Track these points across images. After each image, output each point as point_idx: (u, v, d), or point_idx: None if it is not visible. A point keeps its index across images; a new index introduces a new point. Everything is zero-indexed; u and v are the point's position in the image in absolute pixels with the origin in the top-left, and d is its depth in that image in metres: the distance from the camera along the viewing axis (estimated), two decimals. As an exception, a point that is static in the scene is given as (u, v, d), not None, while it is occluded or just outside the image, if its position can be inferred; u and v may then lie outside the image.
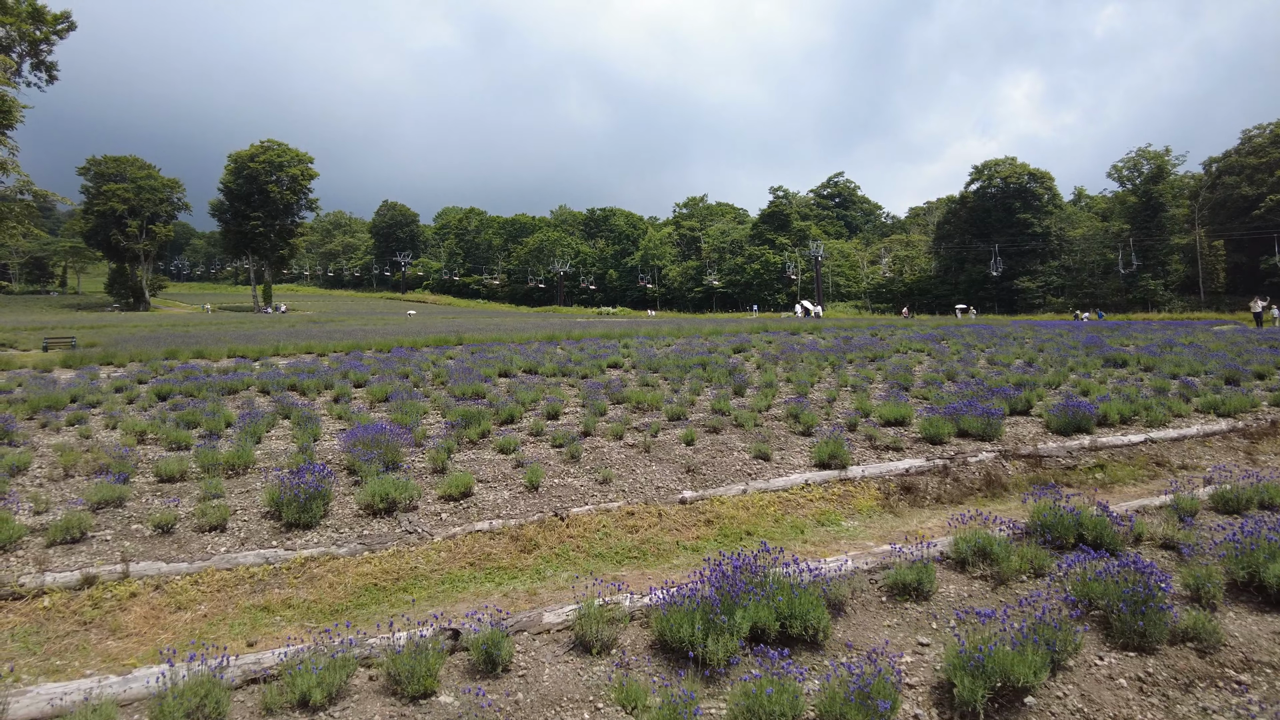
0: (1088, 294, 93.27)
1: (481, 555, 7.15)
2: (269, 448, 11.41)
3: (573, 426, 12.68)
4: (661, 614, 5.22)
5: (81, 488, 9.04)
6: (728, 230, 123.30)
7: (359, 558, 7.01)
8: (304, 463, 9.85)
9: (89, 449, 11.36)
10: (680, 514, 8.22)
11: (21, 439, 12.42)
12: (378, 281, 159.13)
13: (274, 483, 8.55)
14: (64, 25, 43.16)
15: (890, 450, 10.67)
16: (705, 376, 18.54)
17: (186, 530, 7.44)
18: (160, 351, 27.93)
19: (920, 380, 17.69)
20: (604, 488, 8.96)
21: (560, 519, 7.79)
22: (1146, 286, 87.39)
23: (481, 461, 10.30)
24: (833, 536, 7.88)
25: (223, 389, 18.11)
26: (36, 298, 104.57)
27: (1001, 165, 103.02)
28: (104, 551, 6.95)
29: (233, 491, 8.77)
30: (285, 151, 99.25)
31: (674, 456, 10.39)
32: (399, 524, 7.68)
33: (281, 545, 7.12)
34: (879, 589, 6.28)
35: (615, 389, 16.34)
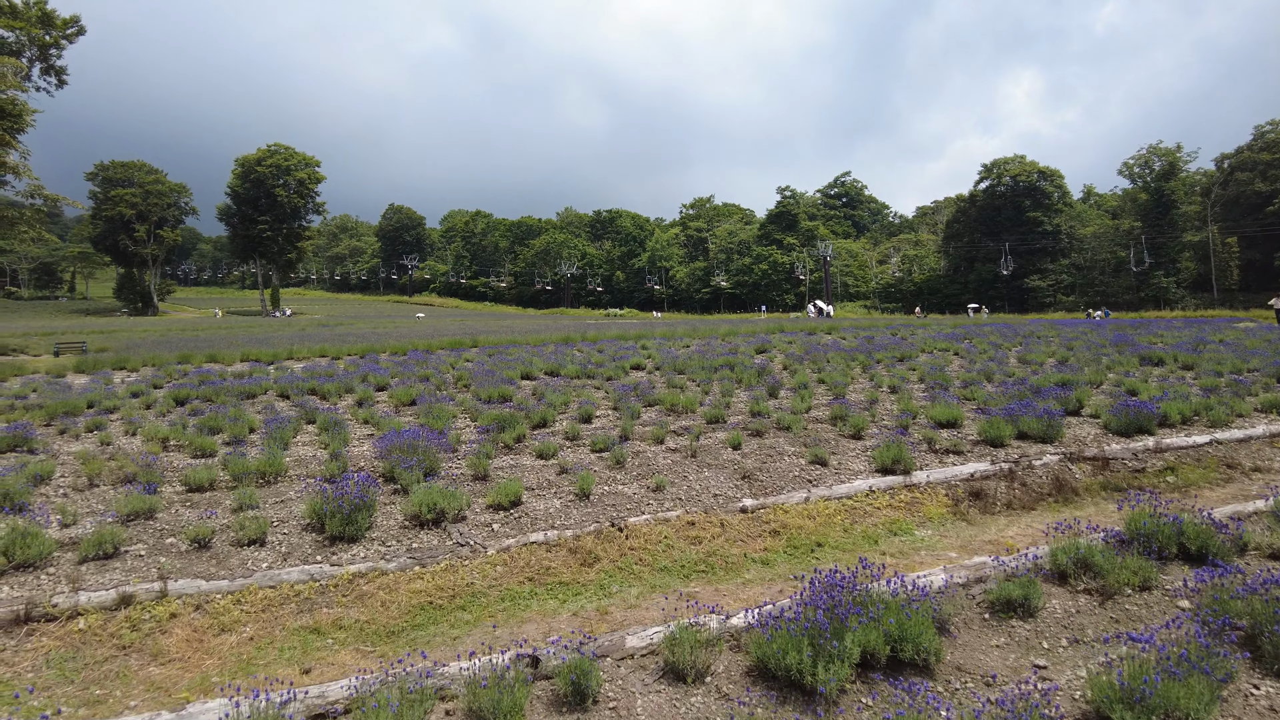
0: (1099, 292, 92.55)
1: (540, 569, 6.69)
2: (297, 454, 10.98)
3: (609, 430, 12.22)
4: (761, 637, 4.75)
5: (109, 498, 8.61)
6: (735, 231, 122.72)
7: (409, 573, 6.55)
8: (337, 470, 9.42)
9: (112, 457, 10.94)
10: (743, 524, 7.75)
11: (41, 446, 12.02)
12: (384, 285, 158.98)
13: (313, 493, 8.11)
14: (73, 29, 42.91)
15: (950, 454, 10.18)
16: (735, 378, 18.05)
17: (224, 545, 6.99)
18: (173, 356, 27.59)
19: (958, 381, 17.19)
20: (657, 496, 8.49)
21: (619, 530, 7.32)
22: (1158, 284, 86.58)
23: (522, 468, 9.84)
24: (909, 547, 7.40)
25: (241, 393, 17.69)
26: (46, 303, 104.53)
27: (1010, 163, 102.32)
28: (139, 568, 6.50)
29: (267, 502, 8.32)
30: (292, 155, 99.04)
31: (722, 462, 9.91)
32: (448, 536, 7.22)
33: (326, 560, 6.67)
34: (978, 605, 5.80)
35: (645, 391, 15.87)
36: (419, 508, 7.39)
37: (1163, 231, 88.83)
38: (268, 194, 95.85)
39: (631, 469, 9.62)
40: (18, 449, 11.93)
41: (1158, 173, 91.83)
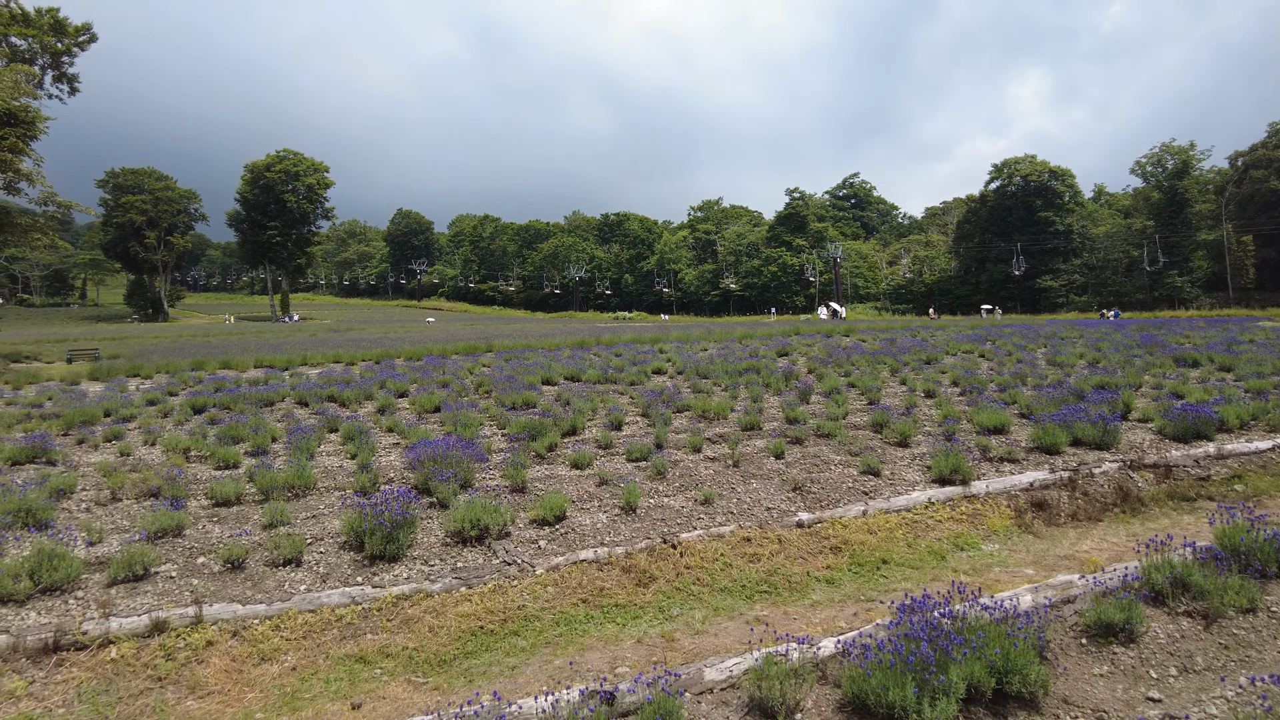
0: (1111, 292, 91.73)
1: (593, 590, 6.30)
2: (323, 465, 10.63)
3: (642, 438, 11.84)
4: (857, 670, 4.35)
5: (133, 513, 8.27)
6: (744, 233, 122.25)
7: (456, 595, 6.18)
8: (368, 483, 9.06)
9: (134, 468, 10.62)
10: (802, 540, 7.35)
11: (60, 457, 11.71)
12: (393, 289, 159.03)
13: (348, 508, 7.74)
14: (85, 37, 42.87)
15: (1005, 462, 9.76)
16: (761, 382, 17.65)
17: (258, 565, 6.62)
18: (187, 362, 27.34)
19: (993, 384, 16.74)
20: (707, 509, 8.09)
21: (672, 547, 6.93)
22: (1173, 283, 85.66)
23: (558, 478, 9.46)
24: (980, 563, 6.98)
25: (259, 401, 17.38)
26: (57, 310, 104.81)
27: (1021, 163, 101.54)
28: (171, 591, 6.14)
29: (298, 517, 7.96)
30: (301, 161, 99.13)
31: (766, 471, 9.51)
32: (494, 554, 6.84)
33: (368, 582, 6.30)
34: (1071, 629, 5.39)
35: (673, 397, 15.49)
36: (462, 524, 7.01)
37: (1176, 230, 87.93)
38: (277, 200, 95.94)
39: (673, 480, 9.22)
40: (37, 460, 11.62)
41: (1170, 171, 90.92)
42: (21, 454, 11.50)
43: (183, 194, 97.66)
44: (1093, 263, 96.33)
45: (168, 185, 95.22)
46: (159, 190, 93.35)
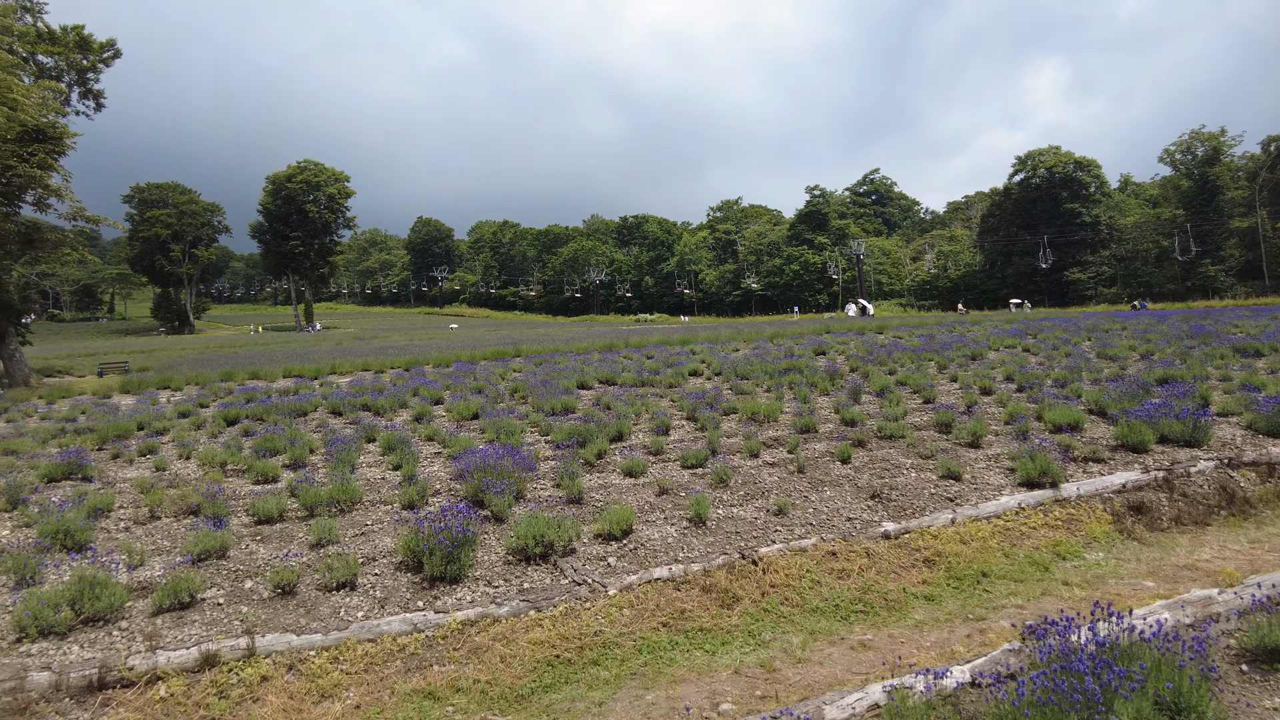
0: (1142, 283, 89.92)
1: (673, 612, 5.78)
2: (365, 476, 10.20)
3: (692, 443, 11.31)
4: (1007, 709, 3.78)
5: (174, 533, 7.87)
6: (764, 232, 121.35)
7: (525, 619, 5.68)
8: (415, 496, 8.60)
9: (171, 484, 10.25)
10: (891, 552, 6.78)
11: (95, 473, 11.39)
12: (415, 297, 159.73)
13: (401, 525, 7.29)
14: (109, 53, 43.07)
15: (1089, 461, 9.11)
16: (807, 381, 17.04)
17: (310, 589, 6.16)
18: (216, 374, 27.19)
19: (1049, 380, 16.01)
20: (782, 520, 7.54)
21: (753, 563, 6.39)
22: (1205, 273, 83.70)
23: (613, 487, 8.96)
24: (1091, 575, 6.37)
25: (292, 411, 17.05)
26: (87, 324, 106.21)
27: (1045, 155, 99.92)
28: (220, 620, 5.69)
29: (346, 535, 7.51)
30: (322, 171, 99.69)
31: (835, 477, 8.94)
32: (561, 573, 6.34)
33: (430, 606, 5.81)
34: (1224, 652, 4.78)
35: (716, 399, 14.94)
36: (525, 540, 6.51)
37: (1208, 219, 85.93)
38: (299, 210, 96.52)
39: (736, 488, 8.68)
40: (72, 477, 11.31)
41: (1201, 158, 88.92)
42: (57, 470, 11.20)
43: (206, 207, 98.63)
44: (1121, 254, 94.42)
45: (191, 199, 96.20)
46: (183, 204, 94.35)
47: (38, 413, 20.46)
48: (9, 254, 29.63)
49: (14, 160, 27.88)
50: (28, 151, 28.47)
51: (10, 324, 30.06)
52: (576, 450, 10.60)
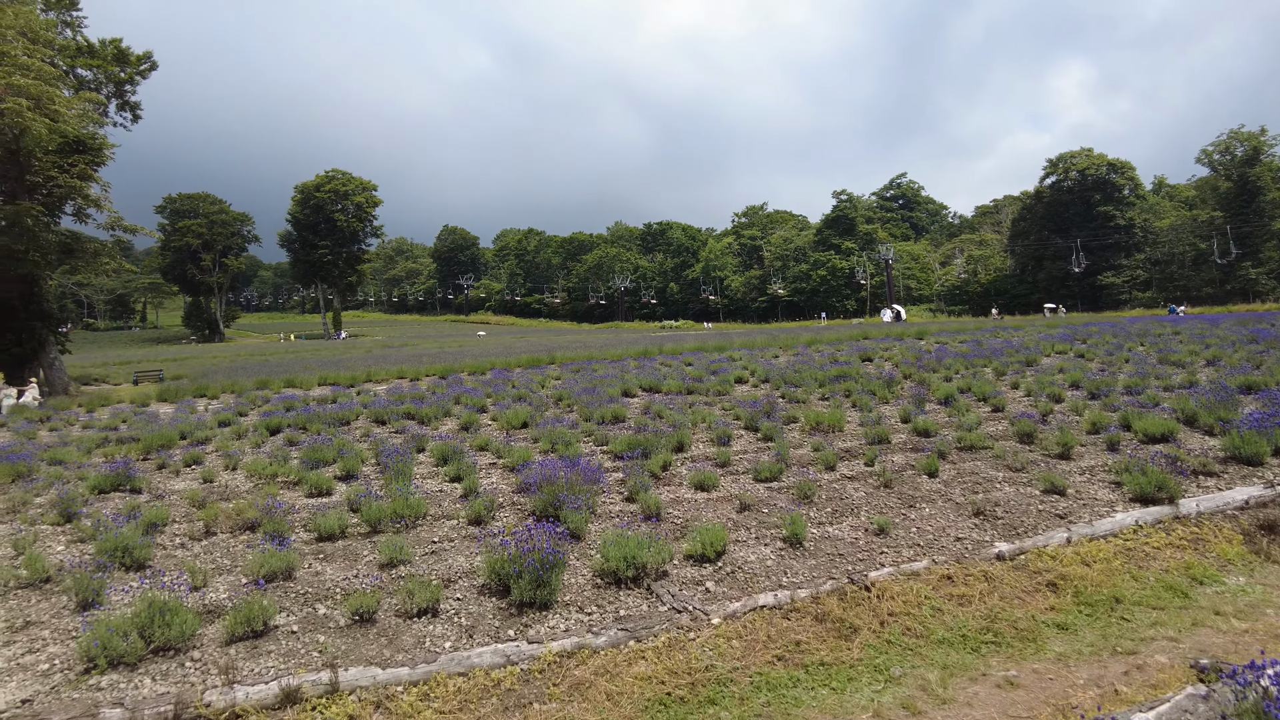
0: (1178, 287, 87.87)
1: (787, 645, 5.27)
2: (422, 488, 9.77)
3: (757, 453, 10.80)
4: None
5: (234, 551, 7.49)
6: (790, 237, 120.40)
7: (625, 650, 5.20)
8: (482, 509, 8.16)
9: (222, 496, 9.92)
10: (1009, 575, 6.22)
11: (144, 484, 11.11)
12: (441, 305, 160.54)
13: (480, 543, 6.85)
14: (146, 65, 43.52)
15: (1202, 475, 8.48)
16: (864, 389, 16.44)
17: (389, 616, 5.73)
18: (251, 382, 27.12)
19: (1120, 387, 15.29)
20: (883, 540, 7.00)
21: (864, 589, 5.87)
22: (1246, 276, 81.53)
23: (686, 502, 8.46)
24: (1243, 604, 5.77)
25: (335, 420, 16.76)
26: (120, 333, 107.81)
27: (1077, 157, 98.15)
28: (296, 650, 5.27)
29: (416, 553, 7.09)
30: (350, 180, 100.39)
31: (926, 493, 8.38)
32: (657, 599, 5.85)
33: (522, 636, 5.35)
34: None
35: (774, 408, 14.40)
36: (616, 563, 6.02)
37: (1248, 220, 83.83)
38: (327, 219, 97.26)
39: (821, 503, 8.15)
40: (121, 488, 11.05)
41: (1240, 159, 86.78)
42: (106, 482, 10.94)
43: (236, 216, 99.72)
44: (1156, 257, 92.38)
45: (222, 209, 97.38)
46: (213, 214, 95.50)
47: (79, 421, 20.40)
48: (49, 263, 29.77)
49: (55, 171, 28.06)
50: (68, 162, 28.67)
51: (50, 332, 30.25)
52: (641, 462, 10.12)
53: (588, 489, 8.27)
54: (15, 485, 11.90)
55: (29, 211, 26.29)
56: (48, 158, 27.90)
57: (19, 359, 28.90)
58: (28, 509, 10.00)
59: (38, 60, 26.66)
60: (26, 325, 29.03)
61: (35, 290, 29.96)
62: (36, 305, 29.88)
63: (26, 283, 29.09)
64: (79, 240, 31.23)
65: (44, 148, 27.62)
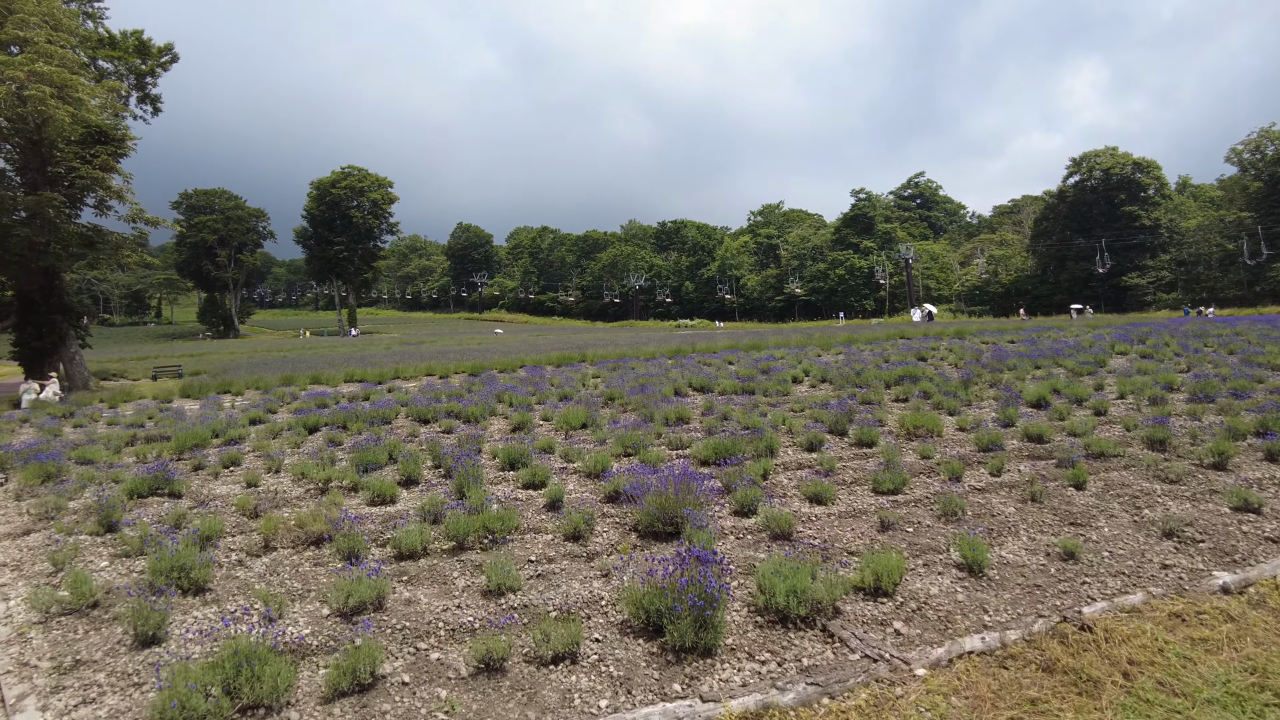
0: (1205, 288, 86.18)
1: (1021, 704, 4.23)
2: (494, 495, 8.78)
3: (855, 459, 9.76)
4: None
5: (302, 571, 6.51)
6: (807, 236, 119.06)
7: (818, 710, 4.18)
8: (581, 523, 7.14)
9: (273, 502, 8.96)
10: (1252, 614, 5.16)
11: (183, 488, 10.15)
12: (454, 302, 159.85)
13: (633, 575, 5.83)
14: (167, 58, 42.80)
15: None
16: (945, 389, 15.35)
17: (520, 663, 4.71)
18: (275, 378, 26.28)
19: (1223, 390, 14.15)
20: (1074, 567, 5.94)
21: (1084, 629, 4.82)
22: (1276, 278, 79.79)
23: (809, 518, 7.43)
24: None
25: (375, 418, 15.83)
26: (136, 329, 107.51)
27: (1102, 156, 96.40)
28: (416, 712, 4.23)
29: (524, 577, 6.08)
30: (366, 176, 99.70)
31: (1083, 508, 7.33)
32: (842, 644, 4.81)
33: (692, 692, 4.32)
34: None
35: (854, 410, 13.32)
36: (783, 598, 4.98)
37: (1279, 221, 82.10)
38: (343, 215, 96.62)
39: (969, 520, 7.11)
40: (159, 492, 10.10)
41: (1271, 158, 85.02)
42: (143, 485, 10.00)
43: (251, 212, 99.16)
44: (1182, 258, 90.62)
45: (237, 204, 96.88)
46: (229, 210, 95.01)
47: (104, 417, 19.59)
48: (70, 256, 28.99)
49: (77, 162, 27.24)
50: (90, 153, 27.84)
51: (71, 326, 29.47)
52: (739, 469, 9.07)
53: (694, 501, 7.24)
54: (46, 487, 11.00)
55: (51, 202, 25.48)
56: (69, 148, 27.09)
57: (39, 353, 28.11)
58: (62, 515, 9.07)
59: (60, 48, 25.85)
60: (47, 319, 28.24)
61: (56, 283, 29.18)
62: (57, 298, 29.09)
63: (47, 275, 28.31)
64: (100, 233, 30.42)
65: (66, 138, 26.81)
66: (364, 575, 5.69)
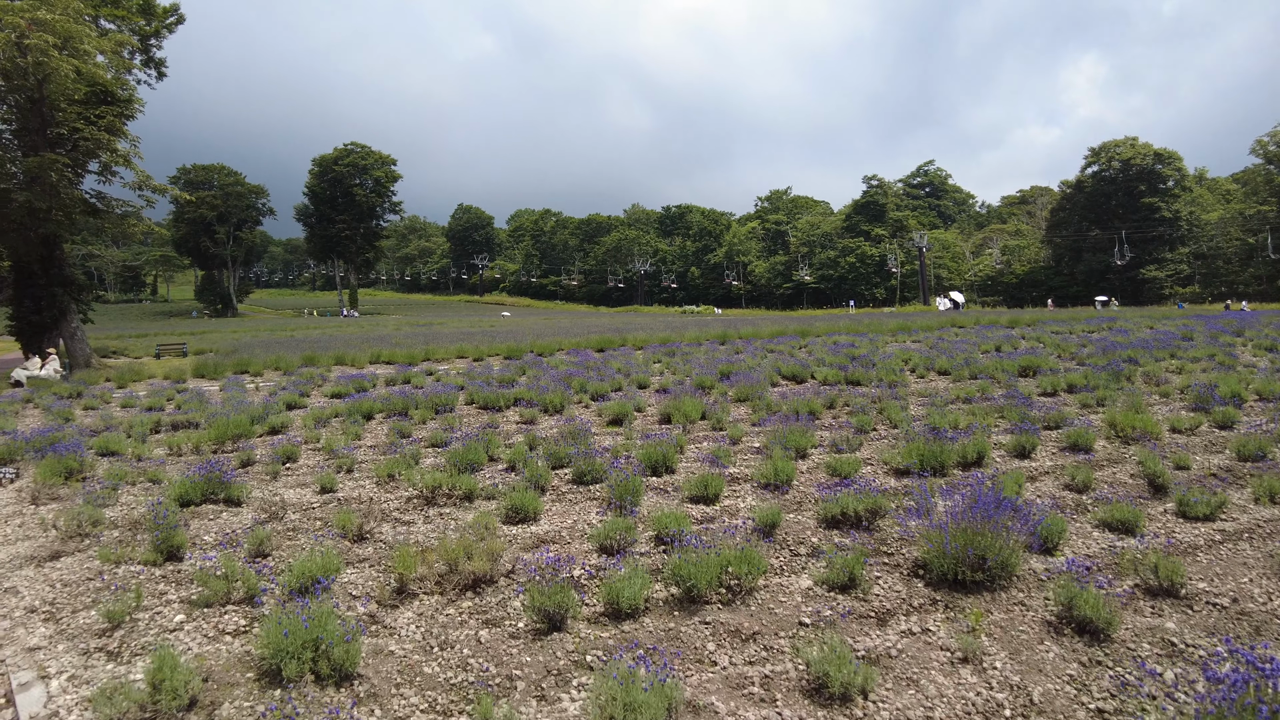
0: (1224, 282, 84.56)
1: None
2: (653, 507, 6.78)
3: (1099, 471, 7.77)
4: None
5: (486, 643, 4.47)
6: (817, 223, 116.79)
7: None
8: (855, 567, 5.13)
9: (367, 512, 6.90)
10: None
11: (240, 493, 8.07)
12: (454, 285, 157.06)
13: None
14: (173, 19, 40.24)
15: None
16: (1096, 382, 13.35)
17: None
18: (297, 358, 24.22)
19: None
20: None
21: None
22: (1299, 272, 78.12)
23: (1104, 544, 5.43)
24: None
25: (436, 405, 13.79)
26: (131, 306, 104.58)
27: (1121, 146, 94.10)
28: None
29: (851, 659, 4.06)
30: (369, 154, 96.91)
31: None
32: None
33: None
34: None
35: (1027, 406, 11.32)
36: None
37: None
38: (345, 193, 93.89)
39: None
40: (213, 498, 8.03)
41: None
42: (194, 490, 7.92)
43: (251, 189, 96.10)
44: (1201, 251, 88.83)
45: (237, 180, 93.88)
46: (229, 185, 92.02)
47: (115, 399, 17.51)
48: (73, 224, 26.63)
49: (80, 123, 24.80)
50: (95, 114, 25.39)
51: (72, 300, 27.16)
52: (930, 479, 7.06)
53: (996, 537, 5.21)
54: (69, 488, 8.91)
55: (54, 165, 23.11)
56: (73, 108, 24.65)
57: (38, 327, 25.80)
58: (99, 531, 6.99)
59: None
60: (47, 291, 25.91)
61: (56, 253, 26.82)
62: (58, 270, 26.74)
63: (47, 245, 25.95)
64: (105, 200, 28.04)
65: (69, 96, 24.38)
66: (583, 651, 3.64)
